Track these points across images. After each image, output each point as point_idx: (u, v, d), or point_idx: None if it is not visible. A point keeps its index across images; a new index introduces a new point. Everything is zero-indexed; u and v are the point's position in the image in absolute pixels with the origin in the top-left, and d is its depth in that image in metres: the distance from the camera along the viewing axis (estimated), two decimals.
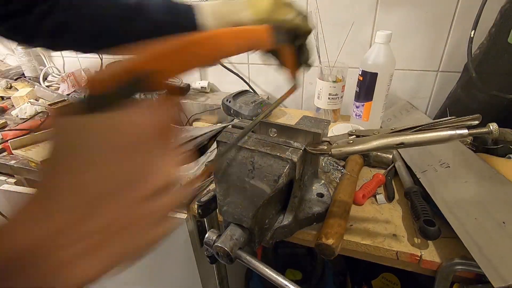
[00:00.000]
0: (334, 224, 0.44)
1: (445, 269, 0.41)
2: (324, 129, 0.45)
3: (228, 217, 0.42)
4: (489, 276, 0.35)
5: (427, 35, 0.78)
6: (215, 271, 0.66)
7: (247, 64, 1.01)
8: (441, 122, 0.36)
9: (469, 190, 0.48)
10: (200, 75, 1.10)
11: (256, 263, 0.39)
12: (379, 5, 0.79)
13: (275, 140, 0.43)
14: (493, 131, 0.33)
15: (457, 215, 0.44)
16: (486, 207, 0.44)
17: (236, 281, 0.93)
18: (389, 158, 0.61)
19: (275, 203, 0.45)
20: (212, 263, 0.50)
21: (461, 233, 0.41)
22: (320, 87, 0.80)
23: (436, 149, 0.59)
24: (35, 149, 0.67)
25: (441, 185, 0.50)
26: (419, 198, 0.49)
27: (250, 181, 0.40)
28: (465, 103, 0.71)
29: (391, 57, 0.69)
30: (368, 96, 0.73)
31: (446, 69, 0.81)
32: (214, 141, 0.76)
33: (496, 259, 0.36)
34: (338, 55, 0.80)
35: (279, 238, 0.47)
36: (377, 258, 0.47)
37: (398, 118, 0.81)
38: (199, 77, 1.10)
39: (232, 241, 0.40)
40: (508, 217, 0.41)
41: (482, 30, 0.63)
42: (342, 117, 0.87)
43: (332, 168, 0.60)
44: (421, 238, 0.45)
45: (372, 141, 0.37)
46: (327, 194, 0.52)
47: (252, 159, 0.41)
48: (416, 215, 0.46)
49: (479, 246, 0.38)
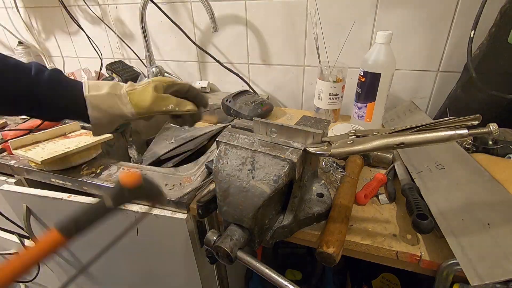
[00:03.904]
0: (335, 231, 0.44)
1: (445, 269, 0.41)
2: (324, 129, 0.45)
3: (228, 217, 0.42)
4: (467, 275, 0.36)
5: (427, 35, 0.78)
6: (215, 271, 0.66)
7: (247, 64, 1.01)
8: (441, 122, 0.36)
9: (459, 191, 0.48)
10: (200, 75, 1.10)
11: (256, 263, 0.39)
12: (379, 5, 0.79)
13: (275, 140, 0.43)
14: (493, 131, 0.33)
15: (445, 216, 0.45)
16: (474, 208, 0.44)
17: (236, 281, 0.93)
18: (389, 158, 0.61)
19: (275, 203, 0.45)
20: (212, 263, 0.50)
21: (447, 233, 0.42)
22: (320, 87, 0.80)
23: (433, 150, 0.59)
24: (35, 149, 0.67)
25: (433, 186, 0.51)
26: (414, 193, 0.49)
27: (250, 181, 0.40)
28: (465, 103, 0.71)
29: (392, 57, 0.69)
30: (370, 97, 0.73)
31: (446, 69, 0.81)
32: (214, 141, 0.76)
33: (476, 259, 0.37)
34: (338, 55, 0.80)
35: (279, 238, 0.47)
36: (377, 258, 0.47)
37: (401, 119, 0.81)
38: (199, 77, 1.10)
39: (232, 241, 0.40)
40: (493, 219, 0.42)
41: (482, 30, 0.63)
42: (342, 117, 0.87)
43: (332, 169, 0.60)
44: (420, 236, 0.45)
45: (372, 141, 0.37)
46: (327, 194, 0.52)
47: (252, 159, 0.41)
48: (410, 210, 0.47)
49: (462, 246, 0.40)
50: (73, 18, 1.12)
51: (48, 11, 1.17)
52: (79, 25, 1.12)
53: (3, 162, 0.71)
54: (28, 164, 0.69)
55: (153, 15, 0.96)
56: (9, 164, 0.70)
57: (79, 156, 0.67)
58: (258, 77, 1.02)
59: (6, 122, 0.91)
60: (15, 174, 0.74)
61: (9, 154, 0.73)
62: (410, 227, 0.45)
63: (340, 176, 0.57)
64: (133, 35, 1.11)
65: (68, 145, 0.66)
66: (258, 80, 1.03)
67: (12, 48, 1.30)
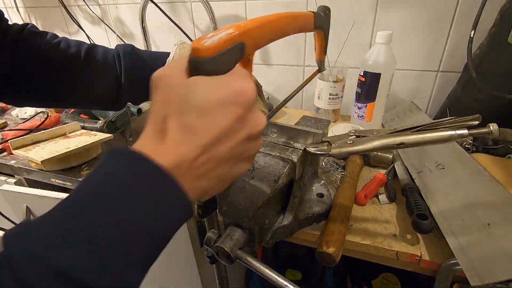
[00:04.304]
0: (335, 231, 0.44)
1: (445, 269, 0.41)
2: (324, 129, 0.45)
3: (228, 217, 0.42)
4: (467, 275, 0.36)
5: (427, 35, 0.78)
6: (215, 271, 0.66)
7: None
8: (441, 122, 0.36)
9: (459, 191, 0.48)
10: None
11: (256, 263, 0.39)
12: (379, 5, 0.79)
13: (275, 140, 0.43)
14: (493, 131, 0.33)
15: (445, 216, 0.45)
16: (474, 208, 0.44)
17: (236, 281, 0.93)
18: (389, 158, 0.61)
19: (275, 203, 0.45)
20: (212, 263, 0.50)
21: (447, 233, 0.42)
22: (320, 87, 0.80)
23: (433, 150, 0.59)
24: (35, 149, 0.67)
25: (434, 186, 0.51)
26: (414, 194, 0.49)
27: (250, 181, 0.40)
28: (465, 103, 0.71)
29: (392, 57, 0.69)
30: (371, 97, 0.73)
31: (446, 69, 0.81)
32: None
33: (476, 259, 0.37)
34: (338, 55, 0.80)
35: (279, 238, 0.47)
36: (377, 258, 0.47)
37: (401, 119, 0.81)
38: None
39: (232, 241, 0.40)
40: (494, 219, 0.42)
41: (482, 30, 0.63)
42: (342, 117, 0.87)
43: (332, 169, 0.60)
44: (420, 236, 0.45)
45: (372, 141, 0.37)
46: (327, 194, 0.52)
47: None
48: (410, 210, 0.47)
49: (462, 246, 0.40)
50: (73, 18, 1.12)
51: (48, 11, 1.17)
52: (79, 25, 1.12)
53: (3, 162, 0.71)
54: (28, 164, 0.69)
55: (153, 15, 0.96)
56: (9, 164, 0.70)
57: (79, 156, 0.67)
58: (258, 77, 1.02)
59: (6, 122, 0.91)
60: (15, 174, 0.74)
61: (9, 154, 0.73)
62: (410, 227, 0.45)
63: (340, 176, 0.57)
64: (133, 35, 1.11)
65: (68, 145, 0.66)
66: (258, 80, 1.03)
67: None
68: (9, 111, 1.01)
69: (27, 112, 0.94)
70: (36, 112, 0.94)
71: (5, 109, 1.02)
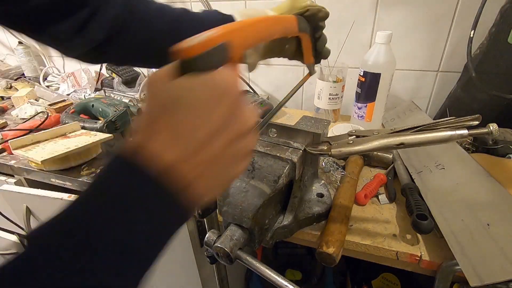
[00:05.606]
0: (335, 231, 0.44)
1: (445, 269, 0.41)
2: (324, 129, 0.45)
3: (228, 217, 0.42)
4: (467, 275, 0.36)
5: (427, 35, 0.78)
6: (215, 272, 0.66)
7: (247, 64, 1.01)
8: (441, 122, 0.36)
9: (459, 191, 0.48)
10: None
11: (256, 263, 0.39)
12: (379, 5, 0.79)
13: (275, 140, 0.43)
14: (493, 131, 0.33)
15: (445, 216, 0.45)
16: (474, 208, 0.44)
17: (236, 281, 0.93)
18: (389, 158, 0.61)
19: (275, 204, 0.45)
20: (212, 264, 0.49)
21: (446, 233, 0.42)
22: (320, 87, 0.80)
23: (433, 150, 0.59)
24: (35, 149, 0.67)
25: (433, 186, 0.51)
26: (414, 194, 0.49)
27: (250, 181, 0.40)
28: (465, 103, 0.71)
29: (392, 57, 0.69)
30: (371, 97, 0.73)
31: (446, 69, 0.81)
32: None
33: (476, 259, 0.37)
34: (338, 55, 0.80)
35: (279, 238, 0.47)
36: (377, 258, 0.47)
37: (401, 119, 0.81)
38: None
39: (232, 241, 0.40)
40: (493, 219, 0.42)
41: (482, 30, 0.63)
42: (342, 117, 0.87)
43: (332, 169, 0.60)
44: (420, 236, 0.45)
45: (372, 141, 0.37)
46: (327, 194, 0.52)
47: (252, 159, 0.41)
48: (409, 210, 0.47)
49: (462, 246, 0.40)
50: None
51: None
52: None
53: (3, 162, 0.71)
54: (28, 164, 0.69)
55: None
56: (9, 164, 0.70)
57: (79, 156, 0.67)
58: (258, 77, 1.02)
59: (6, 122, 0.91)
60: (15, 174, 0.74)
61: (9, 154, 0.73)
62: (410, 227, 0.45)
63: (340, 176, 0.57)
64: None
65: (68, 145, 0.66)
66: (258, 80, 1.03)
67: (12, 48, 1.30)
68: (9, 111, 1.01)
69: (27, 112, 0.94)
70: (36, 112, 0.94)
71: (5, 109, 1.02)
